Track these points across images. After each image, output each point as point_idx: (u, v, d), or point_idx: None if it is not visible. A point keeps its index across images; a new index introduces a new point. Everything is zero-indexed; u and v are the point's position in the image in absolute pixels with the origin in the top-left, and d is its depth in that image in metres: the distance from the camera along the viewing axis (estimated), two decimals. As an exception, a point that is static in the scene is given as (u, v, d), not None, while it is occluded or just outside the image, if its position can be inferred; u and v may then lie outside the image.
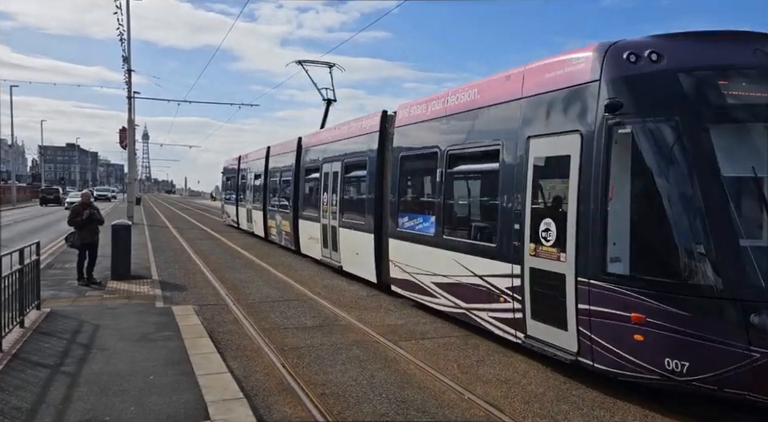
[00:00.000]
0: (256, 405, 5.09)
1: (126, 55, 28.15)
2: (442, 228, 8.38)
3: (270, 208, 19.95)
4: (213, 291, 10.90)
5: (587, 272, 5.48)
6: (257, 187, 22.20)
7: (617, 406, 5.32)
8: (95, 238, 10.98)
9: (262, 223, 20.76)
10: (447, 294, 8.17)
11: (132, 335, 7.18)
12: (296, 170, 16.61)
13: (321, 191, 13.99)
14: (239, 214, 25.90)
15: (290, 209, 16.89)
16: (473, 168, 8.09)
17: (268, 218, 20.12)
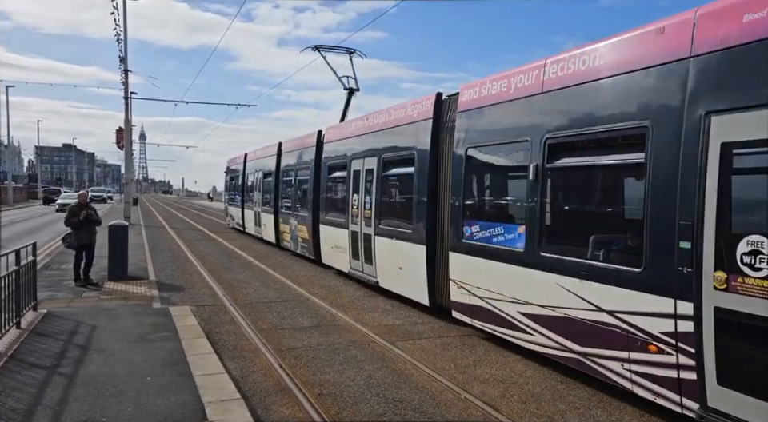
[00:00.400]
0: (253, 406, 5.09)
1: (123, 55, 28.08)
2: (537, 242, 6.28)
3: (282, 211, 17.96)
4: (210, 291, 10.89)
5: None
6: (267, 188, 20.12)
7: (613, 406, 5.33)
8: (92, 239, 10.96)
9: (273, 227, 18.73)
10: (546, 330, 6.17)
11: (129, 336, 7.17)
12: (315, 168, 14.56)
13: (349, 192, 11.88)
14: (245, 217, 23.84)
15: (309, 213, 14.78)
16: (593, 160, 5.95)
17: (280, 222, 18.10)
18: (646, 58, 5.07)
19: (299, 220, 15.88)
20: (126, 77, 29.02)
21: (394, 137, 10.24)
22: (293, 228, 16.54)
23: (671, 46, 4.85)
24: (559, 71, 6.16)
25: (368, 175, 11.06)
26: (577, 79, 5.88)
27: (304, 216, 15.34)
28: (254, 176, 22.42)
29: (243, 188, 24.52)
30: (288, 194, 17.54)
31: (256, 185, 21.84)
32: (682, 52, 4.73)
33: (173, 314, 8.47)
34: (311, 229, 14.54)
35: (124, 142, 31.16)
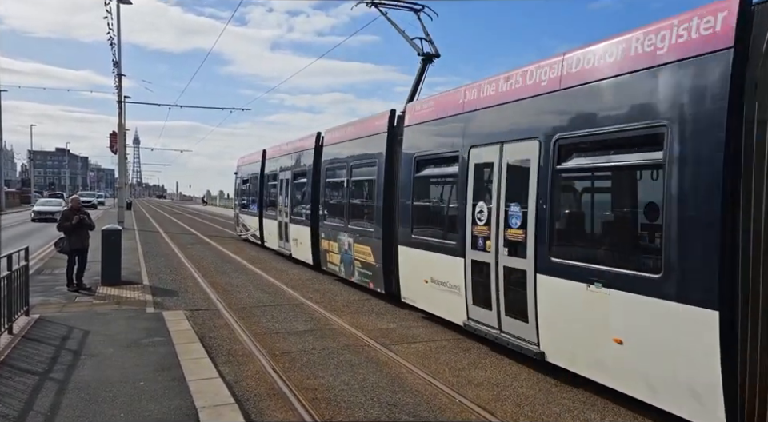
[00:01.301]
0: (247, 410, 5.07)
1: (117, 59, 28.04)
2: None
3: (326, 223, 13.30)
4: (204, 296, 10.85)
5: None
6: (300, 192, 15.70)
7: (607, 408, 5.34)
8: (85, 243, 10.90)
9: (310, 244, 14.25)
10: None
11: (122, 341, 7.13)
12: (388, 166, 10.31)
13: (467, 200, 7.56)
14: (265, 229, 19.39)
15: (378, 228, 10.52)
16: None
17: (323, 238, 13.44)
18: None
19: (358, 238, 11.40)
20: (120, 81, 28.98)
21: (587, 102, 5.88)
22: (345, 247, 11.99)
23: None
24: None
25: (516, 174, 6.75)
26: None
27: (368, 231, 11.01)
28: (278, 177, 17.70)
29: (262, 192, 19.87)
30: (336, 201, 13.05)
31: (282, 188, 17.15)
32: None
33: (166, 319, 8.43)
34: (384, 252, 10.23)
35: (118, 146, 31.08)
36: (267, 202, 19.37)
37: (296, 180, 16.06)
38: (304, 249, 14.89)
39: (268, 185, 19.24)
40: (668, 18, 4.94)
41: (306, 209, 14.89)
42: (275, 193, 18.17)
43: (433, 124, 8.77)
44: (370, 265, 10.81)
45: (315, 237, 14.05)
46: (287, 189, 16.63)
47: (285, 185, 16.92)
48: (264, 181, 19.75)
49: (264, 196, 19.77)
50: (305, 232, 14.75)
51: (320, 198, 13.85)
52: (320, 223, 13.69)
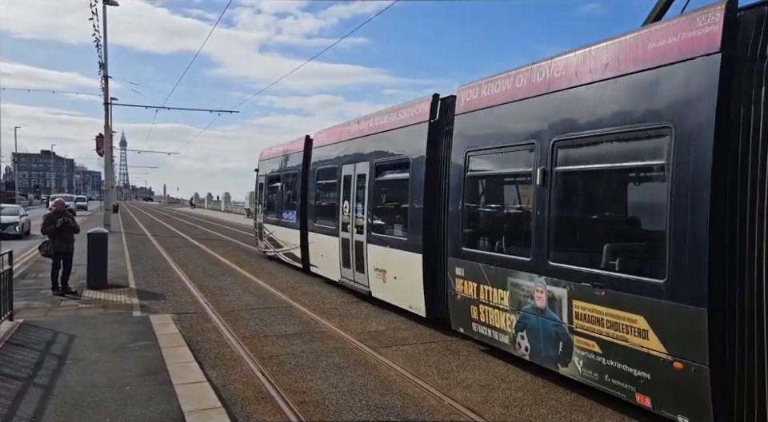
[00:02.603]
0: (234, 414, 5.04)
1: (103, 61, 27.80)
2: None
3: (480, 254, 7.21)
4: (192, 299, 10.77)
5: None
6: (393, 195, 10.32)
7: (594, 409, 5.38)
8: (70, 247, 10.77)
9: (424, 281, 8.49)
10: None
11: (108, 345, 7.06)
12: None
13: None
14: (314, 248, 13.39)
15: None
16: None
17: (470, 280, 7.25)
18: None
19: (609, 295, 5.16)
20: (106, 84, 28.76)
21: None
22: (540, 303, 5.98)
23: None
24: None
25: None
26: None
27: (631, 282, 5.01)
28: (341, 173, 11.71)
29: (306, 195, 14.14)
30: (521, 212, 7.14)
31: (352, 190, 11.15)
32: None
33: (153, 322, 8.36)
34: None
35: (104, 149, 30.80)
36: (317, 209, 13.27)
37: (382, 176, 10.20)
38: (408, 290, 8.86)
39: (318, 184, 13.27)
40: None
41: (412, 223, 8.90)
42: (336, 196, 11.90)
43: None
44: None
45: (431, 271, 8.35)
46: (364, 191, 10.51)
47: (359, 184, 10.82)
48: (310, 179, 13.76)
49: (310, 200, 13.70)
50: (409, 261, 8.75)
51: (459, 206, 7.59)
52: (459, 250, 7.48)
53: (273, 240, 16.94)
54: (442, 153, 8.30)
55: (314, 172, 13.53)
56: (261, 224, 18.43)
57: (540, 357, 6.02)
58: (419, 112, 8.90)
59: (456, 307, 7.53)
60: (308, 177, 14.00)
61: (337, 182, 11.85)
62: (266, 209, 17.97)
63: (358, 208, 10.80)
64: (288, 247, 15.35)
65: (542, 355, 5.96)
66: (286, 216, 15.65)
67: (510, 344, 6.43)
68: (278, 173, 16.88)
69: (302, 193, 14.32)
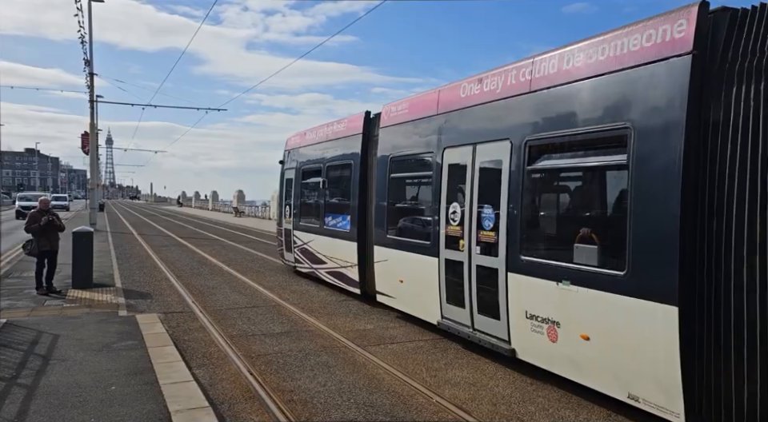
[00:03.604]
0: (222, 414, 5.01)
1: (88, 58, 27.48)
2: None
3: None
4: (179, 298, 10.68)
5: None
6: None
7: (581, 406, 5.41)
8: (54, 246, 10.63)
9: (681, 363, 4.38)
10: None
11: (93, 345, 6.98)
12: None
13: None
14: (385, 269, 9.32)
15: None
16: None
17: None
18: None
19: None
20: (92, 81, 28.44)
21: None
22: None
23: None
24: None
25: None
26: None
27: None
28: (437, 162, 7.96)
29: (365, 194, 10.42)
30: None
31: (465, 186, 7.29)
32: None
33: (140, 322, 8.28)
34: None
35: (89, 147, 30.47)
36: (392, 214, 9.34)
37: (543, 162, 6.11)
38: (634, 370, 4.81)
39: (393, 179, 9.28)
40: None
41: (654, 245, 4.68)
42: (431, 195, 8.10)
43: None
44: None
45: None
46: (503, 189, 6.50)
47: (488, 178, 6.94)
48: (377, 170, 9.77)
49: (378, 200, 9.64)
50: (639, 317, 4.71)
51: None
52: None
53: (308, 253, 12.72)
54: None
55: (384, 161, 9.31)
56: (289, 231, 13.99)
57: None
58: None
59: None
60: (371, 169, 10.09)
61: (434, 175, 7.86)
62: (298, 211, 13.59)
63: (487, 214, 6.71)
64: (335, 264, 11.31)
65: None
66: (333, 223, 11.56)
67: None
68: (316, 164, 12.63)
69: (361, 190, 10.34)
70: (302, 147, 13.73)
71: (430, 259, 7.84)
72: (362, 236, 10.29)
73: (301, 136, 14.00)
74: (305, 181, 13.44)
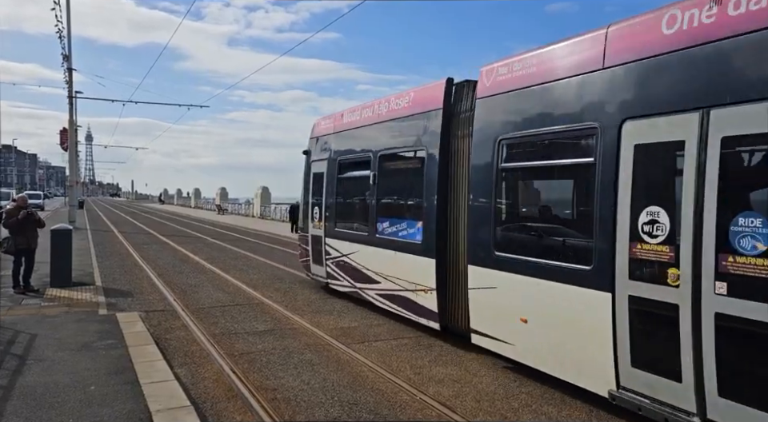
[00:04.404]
0: (204, 413, 4.95)
1: (66, 53, 26.99)
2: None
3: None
4: (160, 297, 10.55)
5: None
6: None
7: (564, 402, 5.46)
8: (32, 244, 10.41)
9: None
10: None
11: (72, 344, 6.86)
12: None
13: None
14: (494, 300, 6.44)
15: None
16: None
17: None
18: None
19: None
20: (71, 76, 27.96)
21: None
22: None
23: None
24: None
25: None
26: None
27: None
28: (606, 144, 5.08)
29: (444, 192, 7.62)
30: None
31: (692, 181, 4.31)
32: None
33: (120, 321, 8.16)
34: None
35: (68, 143, 29.97)
36: (503, 223, 6.80)
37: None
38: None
39: (507, 172, 6.62)
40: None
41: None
42: (582, 195, 5.86)
43: None
44: None
45: None
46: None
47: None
48: (474, 160, 6.91)
49: (478, 204, 6.80)
50: None
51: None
52: None
53: (349, 269, 9.84)
54: None
55: (487, 145, 6.57)
56: (319, 238, 11.02)
57: None
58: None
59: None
60: (458, 157, 7.40)
61: (599, 161, 5.16)
62: (333, 214, 10.65)
63: (744, 226, 4.06)
64: (394, 285, 8.49)
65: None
66: (390, 230, 8.75)
67: None
68: (362, 153, 9.75)
69: (440, 187, 7.54)
70: (339, 133, 10.72)
71: (590, 293, 5.17)
72: (441, 249, 7.46)
73: (335, 119, 10.99)
74: (343, 176, 10.44)
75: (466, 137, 7.15)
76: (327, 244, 10.72)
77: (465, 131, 7.24)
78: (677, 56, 4.56)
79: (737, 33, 4.12)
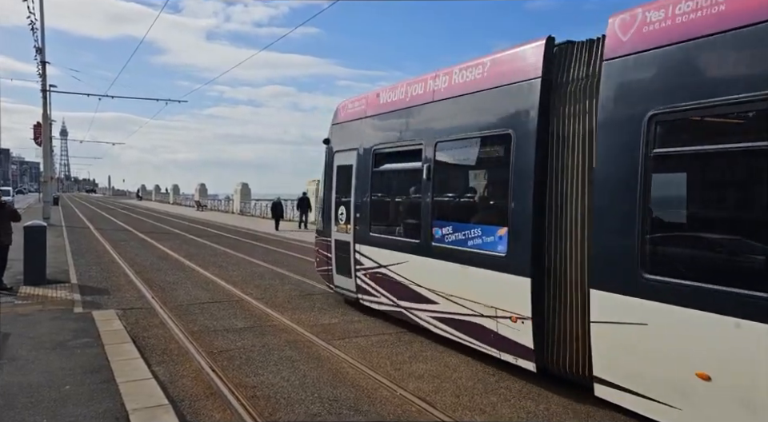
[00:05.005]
0: (182, 411, 4.90)
1: (39, 46, 26.40)
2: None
3: None
4: (138, 294, 10.40)
5: None
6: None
7: (542, 396, 5.52)
8: (4, 240, 10.17)
9: None
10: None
11: (46, 343, 6.73)
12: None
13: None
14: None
15: None
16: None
17: None
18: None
19: None
20: (44, 69, 27.36)
21: None
22: None
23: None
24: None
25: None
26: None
27: None
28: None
29: (542, 188, 5.62)
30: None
31: None
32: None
33: (96, 319, 8.03)
34: None
35: (42, 138, 29.34)
36: (660, 232, 4.78)
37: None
38: None
39: (662, 161, 4.64)
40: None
41: None
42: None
43: None
44: None
45: None
46: None
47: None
48: (574, 151, 5.39)
49: (613, 205, 4.86)
50: None
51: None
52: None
53: (391, 283, 7.96)
54: None
55: (626, 126, 4.81)
56: (346, 244, 9.17)
57: None
58: None
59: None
60: (561, 143, 5.52)
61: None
62: (367, 215, 8.67)
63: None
64: (462, 308, 6.56)
65: None
66: (453, 237, 6.75)
67: None
68: (409, 141, 7.84)
69: (537, 182, 5.65)
70: (374, 117, 8.75)
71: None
72: (540, 265, 5.60)
73: (368, 100, 8.98)
74: (381, 169, 8.54)
75: (584, 114, 5.29)
76: (358, 251, 8.81)
77: (580, 106, 5.34)
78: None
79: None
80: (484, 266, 6.17)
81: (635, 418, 4.67)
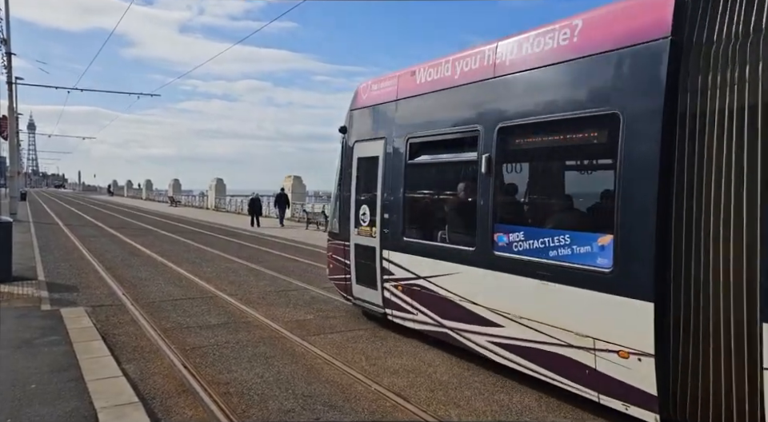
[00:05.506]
0: (153, 409, 4.82)
1: (5, 36, 25.64)
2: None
3: None
4: (108, 291, 10.18)
5: None
6: None
7: (515, 389, 5.58)
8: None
9: None
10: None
11: (11, 341, 6.55)
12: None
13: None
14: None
15: None
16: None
17: None
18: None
19: None
20: (9, 61, 26.62)
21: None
22: None
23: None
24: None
25: None
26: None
27: None
28: None
29: (683, 185, 4.17)
30: None
31: None
32: None
33: (64, 316, 7.84)
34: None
35: (8, 132, 28.53)
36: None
37: None
38: None
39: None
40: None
41: None
42: None
43: None
44: None
45: None
46: None
47: None
48: (728, 132, 3.95)
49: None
50: None
51: None
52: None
53: (434, 297, 6.57)
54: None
55: None
56: (371, 249, 7.79)
57: None
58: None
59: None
60: (716, 125, 4.01)
61: None
62: (399, 216, 7.27)
63: None
64: (539, 334, 5.21)
65: None
66: (527, 245, 5.35)
67: None
68: (455, 128, 6.46)
69: (663, 177, 4.26)
70: (410, 99, 7.24)
71: None
72: (665, 287, 4.28)
73: (401, 80, 7.45)
74: (419, 161, 7.09)
75: (739, 85, 3.92)
76: (387, 258, 7.43)
77: (732, 76, 3.95)
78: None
79: None
80: (575, 284, 4.83)
81: (610, 415, 4.74)
